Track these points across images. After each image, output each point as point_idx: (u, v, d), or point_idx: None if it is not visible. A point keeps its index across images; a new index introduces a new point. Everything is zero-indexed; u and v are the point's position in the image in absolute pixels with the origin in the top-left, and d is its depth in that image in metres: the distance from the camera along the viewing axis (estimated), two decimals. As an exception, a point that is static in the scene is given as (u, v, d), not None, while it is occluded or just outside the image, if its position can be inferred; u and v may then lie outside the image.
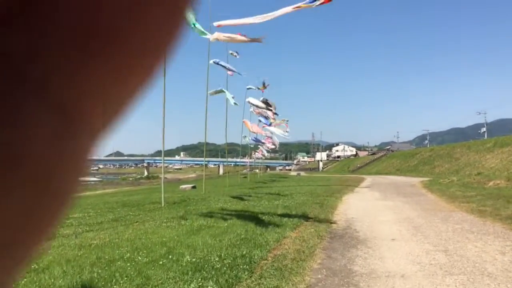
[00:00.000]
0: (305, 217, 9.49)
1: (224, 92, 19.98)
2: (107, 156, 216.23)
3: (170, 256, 5.54)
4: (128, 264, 5.18)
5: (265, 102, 29.04)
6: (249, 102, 24.29)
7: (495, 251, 5.86)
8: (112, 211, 12.80)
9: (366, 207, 12.57)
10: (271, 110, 31.12)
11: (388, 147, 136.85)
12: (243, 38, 16.29)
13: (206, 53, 18.24)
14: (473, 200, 13.11)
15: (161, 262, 5.23)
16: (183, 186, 29.55)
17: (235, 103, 19.77)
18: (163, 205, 13.98)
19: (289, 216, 9.59)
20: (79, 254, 5.97)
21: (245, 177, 50.65)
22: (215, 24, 15.95)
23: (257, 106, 25.31)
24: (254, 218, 9.26)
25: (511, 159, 29.07)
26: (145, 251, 5.89)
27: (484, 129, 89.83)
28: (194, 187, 28.23)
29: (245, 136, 39.98)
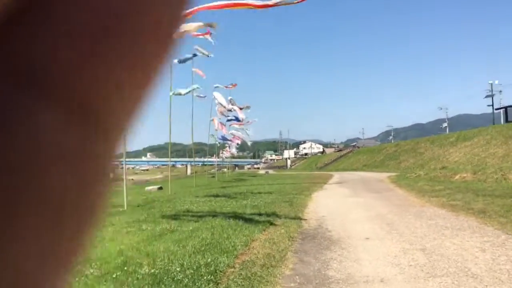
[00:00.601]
0: (274, 217, 9.05)
1: (187, 91, 19.29)
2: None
3: (126, 268, 4.95)
4: (77, 279, 4.56)
5: (231, 101, 28.63)
6: (214, 97, 23.82)
7: (475, 248, 5.57)
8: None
9: (337, 204, 12.28)
10: (240, 109, 30.65)
11: (354, 143, 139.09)
12: (197, 24, 15.68)
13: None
14: (442, 194, 13.05)
15: (115, 275, 4.64)
16: (149, 188, 28.57)
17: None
18: (125, 208, 13.24)
19: (258, 216, 9.14)
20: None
21: (213, 176, 49.90)
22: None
23: (220, 104, 24.88)
24: (221, 220, 8.74)
25: (474, 153, 29.71)
26: (98, 263, 5.27)
27: (446, 124, 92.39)
28: (160, 188, 27.35)
29: (212, 135, 39.29)
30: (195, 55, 18.56)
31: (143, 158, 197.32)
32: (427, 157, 39.70)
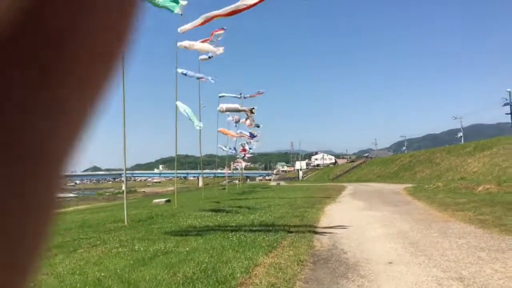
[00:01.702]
0: (283, 235, 8.12)
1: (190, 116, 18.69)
2: (83, 171, 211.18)
3: (98, 303, 4.08)
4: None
5: (252, 111, 27.78)
6: (220, 110, 23.09)
7: (524, 277, 4.59)
8: (62, 233, 11.15)
9: (352, 219, 11.28)
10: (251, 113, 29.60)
11: (367, 154, 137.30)
12: (203, 46, 15.04)
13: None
14: (467, 207, 11.98)
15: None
16: (156, 201, 27.79)
17: (198, 126, 18.51)
18: (126, 224, 12.41)
19: (264, 234, 8.21)
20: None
21: (224, 188, 49.02)
22: (179, 30, 14.69)
23: (236, 110, 24.08)
24: (224, 238, 7.85)
25: (495, 163, 28.39)
26: (68, 295, 4.42)
27: (461, 133, 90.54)
28: (168, 201, 26.51)
29: (225, 146, 38.32)
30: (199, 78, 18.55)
31: (155, 170, 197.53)
32: (443, 167, 38.37)
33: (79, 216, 20.63)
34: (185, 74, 17.47)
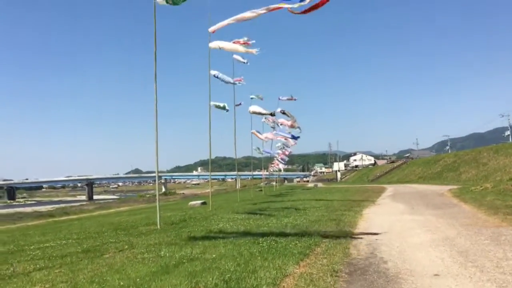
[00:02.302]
0: (317, 241, 7.60)
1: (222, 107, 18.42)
2: (126, 173, 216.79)
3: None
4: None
5: (283, 112, 27.44)
6: (250, 111, 22.82)
7: None
8: (95, 236, 11.07)
9: (392, 223, 10.58)
10: (288, 118, 29.36)
11: (408, 154, 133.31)
12: (236, 46, 14.71)
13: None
14: (520, 211, 11.01)
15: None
16: (192, 203, 27.79)
17: (226, 110, 18.13)
18: (158, 226, 12.22)
19: (298, 239, 7.71)
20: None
21: (261, 190, 48.71)
22: (210, 30, 14.48)
23: (259, 114, 23.77)
24: (253, 244, 7.42)
25: (548, 162, 26.51)
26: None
27: (508, 132, 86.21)
28: (204, 203, 26.41)
29: (258, 148, 38.05)
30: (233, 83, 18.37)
31: (194, 172, 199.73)
32: (491, 168, 36.37)
33: (116, 218, 20.82)
34: (217, 77, 17.23)
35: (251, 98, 28.73)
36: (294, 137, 29.26)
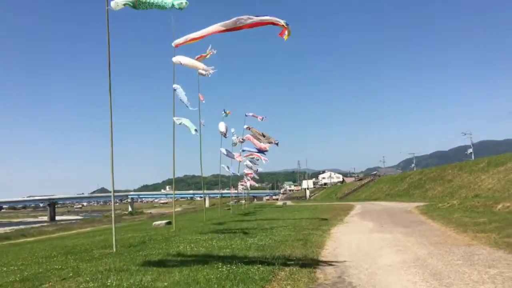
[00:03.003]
0: (282, 263, 7.01)
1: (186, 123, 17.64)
2: (91, 193, 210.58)
3: None
4: None
5: (248, 128, 27.14)
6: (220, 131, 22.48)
7: None
8: (42, 262, 10.09)
9: (361, 243, 10.13)
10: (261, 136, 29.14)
11: (375, 172, 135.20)
12: (195, 63, 14.24)
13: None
14: (488, 228, 10.79)
15: None
16: (157, 223, 26.79)
17: (195, 130, 17.35)
18: (114, 250, 11.34)
19: (260, 263, 7.09)
20: None
21: (229, 209, 47.79)
22: (174, 44, 13.93)
23: (223, 133, 23.55)
24: (212, 269, 6.75)
25: (510, 179, 27.01)
26: None
27: (471, 150, 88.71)
28: (169, 223, 25.43)
29: (227, 167, 37.26)
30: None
31: (162, 191, 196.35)
32: (456, 184, 36.90)
33: (73, 241, 19.59)
34: (175, 90, 16.58)
35: (223, 111, 28.24)
36: (262, 152, 28.97)
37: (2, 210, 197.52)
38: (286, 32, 8.95)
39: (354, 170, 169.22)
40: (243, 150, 32.90)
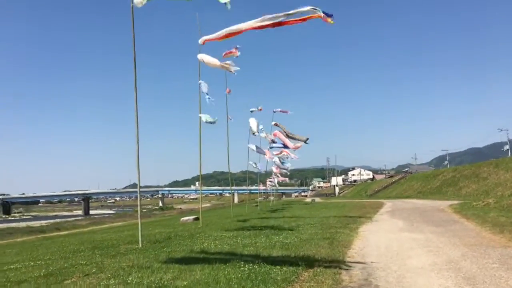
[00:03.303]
0: (306, 264, 6.77)
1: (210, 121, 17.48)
2: (124, 188, 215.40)
3: None
4: None
5: (276, 125, 26.93)
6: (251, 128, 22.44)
7: None
8: (69, 257, 10.21)
9: (390, 243, 9.76)
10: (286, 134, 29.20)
11: (406, 169, 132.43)
12: (215, 62, 14.04)
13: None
14: (528, 229, 10.21)
15: None
16: (184, 218, 26.92)
17: (210, 122, 17.10)
18: (140, 245, 11.39)
19: (284, 262, 6.87)
20: None
21: (257, 205, 47.76)
22: (200, 41, 13.87)
23: (254, 132, 23.48)
24: (234, 268, 6.59)
25: (550, 177, 25.74)
26: None
27: (507, 146, 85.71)
28: (196, 218, 25.52)
29: (255, 163, 37.07)
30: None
31: (192, 187, 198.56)
32: (491, 182, 35.56)
33: (102, 235, 19.92)
34: (200, 84, 16.46)
35: (251, 111, 28.23)
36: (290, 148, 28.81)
37: (40, 204, 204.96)
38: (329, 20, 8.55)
39: (384, 167, 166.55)
40: (271, 147, 32.79)
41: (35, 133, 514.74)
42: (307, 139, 24.39)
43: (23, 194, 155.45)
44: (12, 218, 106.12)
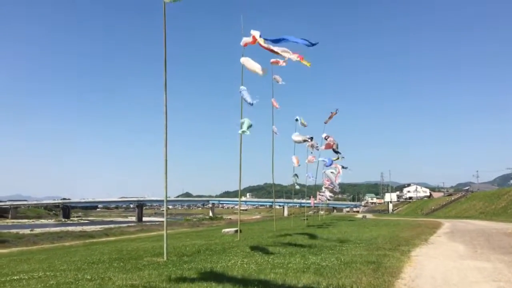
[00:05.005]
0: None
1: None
2: (177, 197, 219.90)
3: None
4: None
5: (311, 138, 25.85)
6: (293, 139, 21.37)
7: None
8: (84, 268, 9.41)
9: (448, 272, 8.09)
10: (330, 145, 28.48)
11: (467, 187, 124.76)
12: (255, 68, 13.15)
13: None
14: None
15: None
16: (226, 230, 26.09)
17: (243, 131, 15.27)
18: (165, 258, 10.45)
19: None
20: None
21: (306, 219, 46.14)
22: (242, 43, 13.29)
23: (298, 142, 22.46)
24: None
25: None
26: None
27: None
28: (238, 231, 24.49)
29: (295, 175, 35.35)
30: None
31: (243, 198, 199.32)
32: None
33: (137, 244, 19.33)
34: (240, 93, 15.47)
35: (296, 120, 27.28)
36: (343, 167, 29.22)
37: (97, 209, 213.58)
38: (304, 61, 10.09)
39: (443, 184, 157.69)
40: (323, 160, 31.61)
41: (98, 140, 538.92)
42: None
43: (83, 199, 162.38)
44: (71, 222, 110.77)
